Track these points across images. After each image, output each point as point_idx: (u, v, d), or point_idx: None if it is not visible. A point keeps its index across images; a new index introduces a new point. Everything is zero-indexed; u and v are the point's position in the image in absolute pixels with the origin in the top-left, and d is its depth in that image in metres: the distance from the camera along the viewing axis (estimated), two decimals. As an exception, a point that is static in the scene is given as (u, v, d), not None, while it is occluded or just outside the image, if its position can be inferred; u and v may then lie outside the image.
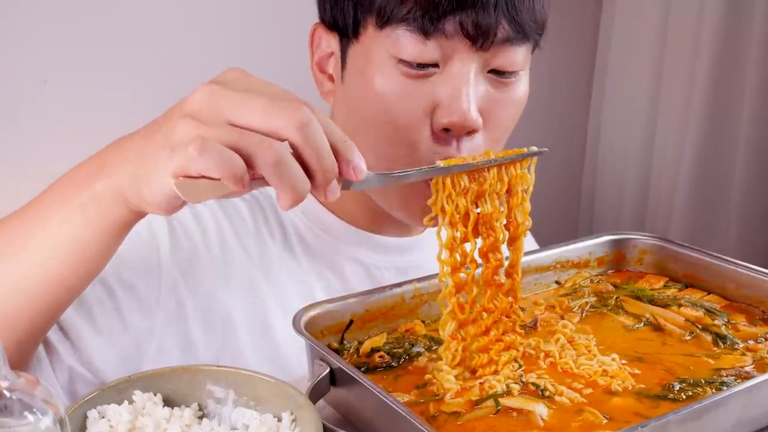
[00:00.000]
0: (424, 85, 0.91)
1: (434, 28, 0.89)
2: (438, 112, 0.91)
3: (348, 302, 0.89)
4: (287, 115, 0.66)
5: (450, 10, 0.88)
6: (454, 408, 0.77)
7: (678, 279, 1.06)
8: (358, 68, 0.95)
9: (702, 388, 0.81)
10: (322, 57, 1.02)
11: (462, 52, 0.90)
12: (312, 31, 1.02)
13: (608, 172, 2.71)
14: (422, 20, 0.88)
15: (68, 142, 1.91)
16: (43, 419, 0.54)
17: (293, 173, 0.66)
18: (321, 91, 1.04)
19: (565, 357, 0.86)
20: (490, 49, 0.91)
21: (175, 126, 0.67)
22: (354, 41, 0.96)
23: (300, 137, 0.66)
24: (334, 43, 0.99)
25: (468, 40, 0.90)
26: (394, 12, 0.90)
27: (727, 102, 2.33)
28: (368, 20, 0.93)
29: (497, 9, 0.89)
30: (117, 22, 1.91)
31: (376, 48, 0.93)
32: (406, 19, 0.89)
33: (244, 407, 0.74)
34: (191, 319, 0.98)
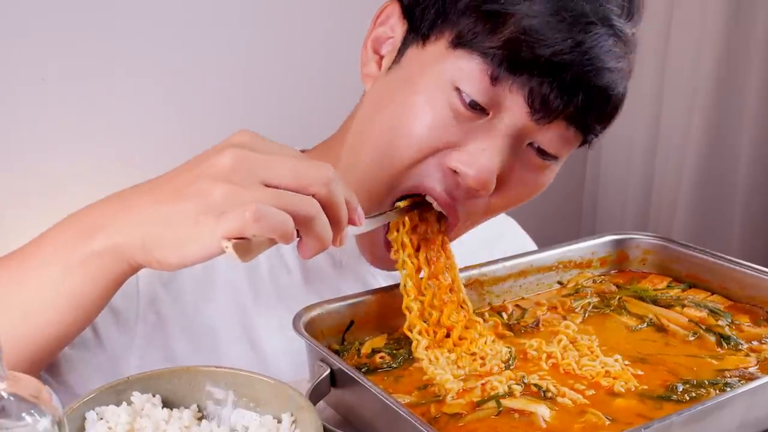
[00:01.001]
0: (464, 124, 0.87)
1: (505, 78, 0.84)
2: (460, 153, 0.87)
3: (348, 303, 0.89)
4: (316, 173, 0.72)
5: (530, 71, 0.84)
6: (456, 409, 0.77)
7: (681, 279, 1.06)
8: (410, 72, 0.91)
9: (705, 390, 0.81)
10: (380, 36, 0.96)
11: (515, 115, 0.86)
12: (383, 8, 0.96)
13: (611, 172, 2.71)
14: (501, 63, 0.84)
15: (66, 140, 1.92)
16: (41, 421, 0.54)
17: (325, 226, 0.72)
18: (364, 71, 0.98)
19: (568, 358, 0.86)
20: (545, 125, 0.87)
21: (210, 190, 0.70)
22: (419, 43, 0.91)
23: (327, 193, 0.72)
24: (399, 31, 0.94)
25: (527, 107, 0.85)
26: (476, 40, 0.85)
27: (731, 101, 2.33)
28: (445, 33, 0.88)
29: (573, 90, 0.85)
30: (115, 20, 1.91)
31: (438, 65, 0.88)
32: (485, 53, 0.85)
33: (243, 408, 0.74)
34: (173, 332, 0.97)
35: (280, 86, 2.13)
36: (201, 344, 0.98)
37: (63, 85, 1.88)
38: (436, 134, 0.88)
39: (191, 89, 2.05)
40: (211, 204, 0.70)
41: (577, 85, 0.84)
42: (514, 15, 0.84)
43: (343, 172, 0.96)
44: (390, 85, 0.93)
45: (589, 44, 0.84)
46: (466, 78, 0.86)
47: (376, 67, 0.96)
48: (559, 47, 0.83)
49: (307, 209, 0.70)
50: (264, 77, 2.12)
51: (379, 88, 0.95)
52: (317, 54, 2.14)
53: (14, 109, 1.84)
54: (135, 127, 1.97)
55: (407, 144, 0.88)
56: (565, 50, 0.83)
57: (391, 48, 0.95)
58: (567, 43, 0.83)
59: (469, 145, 0.87)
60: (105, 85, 1.93)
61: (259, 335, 1.00)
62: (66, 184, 1.84)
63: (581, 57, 0.84)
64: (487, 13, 0.85)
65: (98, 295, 0.77)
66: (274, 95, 2.13)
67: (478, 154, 0.86)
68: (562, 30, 0.83)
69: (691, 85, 2.40)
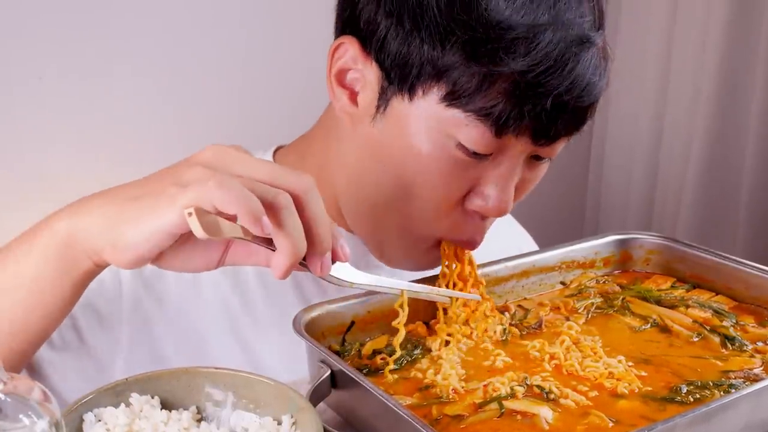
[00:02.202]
0: (472, 169, 0.88)
1: (511, 130, 0.85)
2: (477, 196, 0.90)
3: (349, 303, 0.89)
4: (294, 178, 0.70)
5: (534, 118, 0.84)
6: (457, 411, 0.77)
7: (685, 279, 1.06)
8: (401, 127, 0.89)
9: (710, 391, 0.81)
10: (342, 68, 0.93)
11: (520, 148, 0.88)
12: (337, 45, 0.92)
13: (614, 171, 2.71)
14: (503, 120, 0.84)
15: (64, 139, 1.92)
16: (38, 422, 0.54)
17: (297, 226, 0.69)
18: (337, 106, 0.95)
19: (571, 359, 0.86)
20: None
21: (183, 172, 0.70)
22: (405, 96, 0.88)
23: (305, 199, 0.70)
24: (370, 72, 0.90)
25: (531, 140, 0.87)
26: (472, 98, 0.84)
27: (736, 99, 2.33)
28: (433, 88, 0.86)
29: (572, 117, 0.87)
30: (113, 19, 1.91)
31: (432, 120, 0.86)
32: (484, 113, 0.84)
33: (243, 410, 0.74)
34: (159, 334, 0.97)
35: (279, 86, 2.13)
36: (189, 346, 0.98)
37: (61, 84, 1.88)
38: (452, 187, 0.89)
39: (190, 88, 2.05)
40: (180, 178, 0.69)
41: (575, 111, 0.86)
42: (504, 73, 0.83)
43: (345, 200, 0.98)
44: (383, 137, 0.91)
45: (582, 74, 0.85)
46: (467, 135, 0.85)
47: (350, 103, 0.93)
48: (557, 90, 0.84)
49: (275, 197, 0.68)
50: (263, 76, 2.12)
51: (369, 137, 0.92)
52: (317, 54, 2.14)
53: (11, 108, 1.84)
54: (133, 127, 1.97)
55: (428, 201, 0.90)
56: (563, 91, 0.84)
57: (362, 86, 0.92)
58: (564, 84, 0.84)
59: (483, 186, 0.89)
60: (103, 84, 1.93)
61: (248, 335, 1.00)
62: (64, 183, 1.84)
63: (578, 90, 0.85)
64: (477, 72, 0.83)
65: (58, 284, 0.76)
66: (273, 95, 2.13)
67: (493, 191, 0.89)
68: (555, 72, 0.83)
69: (694, 83, 2.40)
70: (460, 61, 0.83)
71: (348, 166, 0.96)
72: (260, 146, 1.10)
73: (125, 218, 0.70)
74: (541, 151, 0.90)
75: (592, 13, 0.87)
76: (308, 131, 1.06)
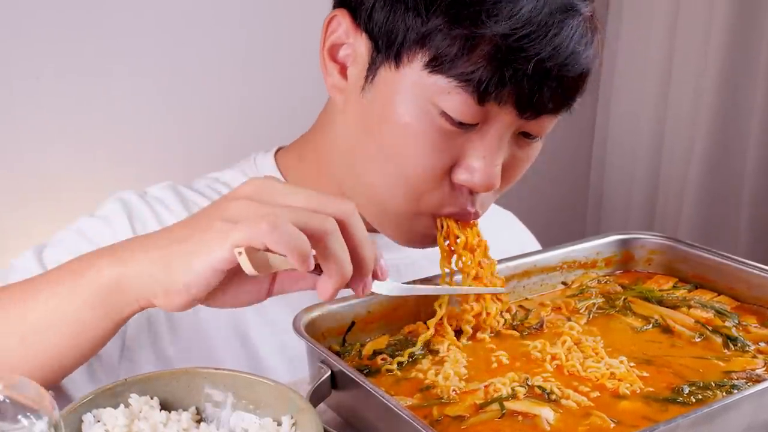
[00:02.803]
0: (457, 140, 0.89)
1: (492, 98, 0.85)
2: (462, 168, 0.90)
3: (350, 304, 0.89)
4: (336, 204, 0.72)
5: (515, 83, 0.85)
6: (458, 412, 0.77)
7: (687, 280, 1.06)
8: (388, 96, 0.90)
9: (712, 392, 0.81)
10: (335, 42, 0.95)
11: (505, 118, 0.88)
12: (330, 18, 0.95)
13: (616, 170, 2.71)
14: (485, 86, 0.84)
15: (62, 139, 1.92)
16: (37, 423, 0.54)
17: (342, 248, 0.71)
18: (328, 82, 0.97)
19: (572, 359, 0.86)
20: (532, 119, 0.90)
21: (228, 206, 0.71)
22: (391, 64, 0.89)
23: (349, 223, 0.72)
24: (360, 44, 0.92)
25: (517, 111, 0.87)
26: (454, 64, 0.85)
27: (738, 99, 2.33)
28: (418, 55, 0.87)
29: (558, 87, 0.87)
30: (111, 18, 1.91)
31: (416, 88, 0.88)
32: (466, 79, 0.85)
33: (243, 411, 0.74)
34: (162, 332, 0.97)
35: (279, 86, 2.13)
36: (191, 344, 0.98)
37: (58, 84, 1.88)
38: (437, 158, 0.90)
39: (189, 88, 2.05)
40: (225, 215, 0.70)
41: (560, 80, 0.87)
42: (485, 35, 0.84)
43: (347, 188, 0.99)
44: (370, 109, 0.92)
45: (565, 42, 0.85)
46: (450, 103, 0.86)
47: (340, 78, 0.95)
48: (540, 56, 0.84)
49: (322, 224, 0.70)
50: (263, 76, 2.12)
51: (357, 112, 0.94)
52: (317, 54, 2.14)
53: (9, 109, 1.84)
54: (131, 126, 1.97)
55: (414, 174, 0.91)
56: (545, 57, 0.84)
57: (352, 60, 0.94)
58: (546, 50, 0.84)
59: (469, 158, 0.90)
60: (101, 83, 1.93)
61: (251, 333, 1.00)
62: (62, 183, 1.84)
63: (561, 57, 0.85)
64: (459, 36, 0.84)
65: (100, 325, 0.76)
66: (273, 95, 2.13)
67: (479, 163, 0.89)
68: (537, 37, 0.84)
69: (696, 84, 2.40)
70: (442, 24, 0.85)
71: (341, 148, 0.97)
72: (259, 146, 1.11)
73: (176, 260, 0.71)
74: (528, 126, 0.90)
75: None
76: (306, 132, 1.07)
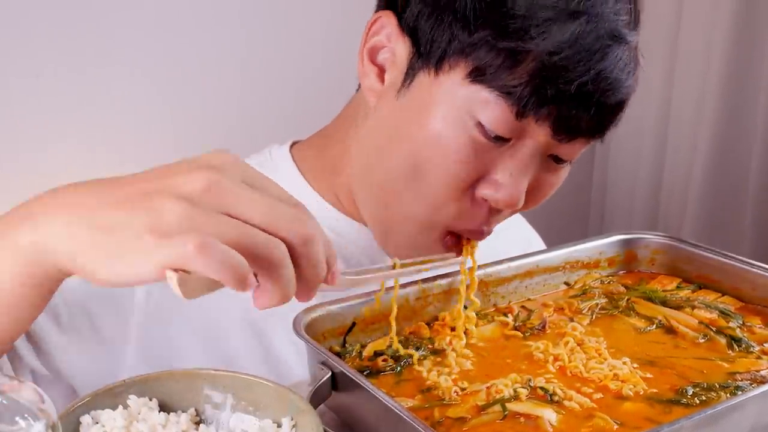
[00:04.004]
0: (488, 153, 0.88)
1: (531, 115, 0.85)
2: (488, 183, 0.89)
3: (350, 304, 0.89)
4: (295, 225, 0.63)
5: (556, 104, 0.85)
6: (460, 413, 0.77)
7: (691, 280, 1.06)
8: (424, 102, 0.90)
9: (716, 393, 0.81)
10: (376, 45, 0.94)
11: (539, 138, 0.88)
12: (375, 19, 0.94)
13: (619, 169, 2.71)
14: (526, 101, 0.84)
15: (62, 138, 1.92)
16: (34, 425, 0.54)
17: (289, 278, 0.63)
18: (365, 84, 0.96)
19: (575, 360, 0.86)
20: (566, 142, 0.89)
21: (163, 206, 0.61)
22: (430, 71, 0.89)
23: (304, 252, 0.63)
24: (401, 48, 0.92)
25: (552, 132, 0.87)
26: (497, 76, 0.85)
27: (742, 97, 2.32)
28: (460, 64, 0.87)
29: (596, 113, 0.87)
30: (112, 16, 1.91)
31: (454, 97, 0.87)
32: (508, 92, 0.85)
33: (242, 412, 0.74)
34: (172, 321, 0.97)
35: (279, 84, 2.13)
36: (204, 336, 0.98)
37: (58, 82, 1.88)
38: (464, 169, 0.89)
39: (189, 86, 2.05)
40: (158, 222, 0.61)
41: (599, 106, 0.87)
42: (531, 51, 0.84)
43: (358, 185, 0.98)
44: (404, 113, 0.92)
45: (609, 68, 0.85)
46: (488, 114, 0.86)
47: (377, 80, 0.95)
48: (582, 79, 0.84)
49: (271, 253, 0.61)
50: (263, 75, 2.12)
51: (390, 113, 0.94)
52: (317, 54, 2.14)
53: (9, 107, 1.84)
54: (132, 125, 1.97)
55: (437, 183, 0.90)
56: (588, 80, 0.84)
57: (391, 63, 0.93)
58: (590, 74, 0.84)
59: (496, 173, 0.89)
60: (101, 82, 1.93)
61: (265, 326, 1.00)
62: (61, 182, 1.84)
63: (604, 83, 0.85)
64: (505, 49, 0.84)
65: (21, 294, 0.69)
66: (273, 93, 2.13)
67: (505, 180, 0.89)
68: (582, 60, 0.84)
69: (700, 82, 2.40)
70: (489, 36, 0.85)
71: (364, 149, 0.97)
72: (259, 145, 1.10)
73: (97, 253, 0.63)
74: (560, 149, 0.90)
75: (627, 13, 0.89)
76: (327, 126, 1.06)
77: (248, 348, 1.00)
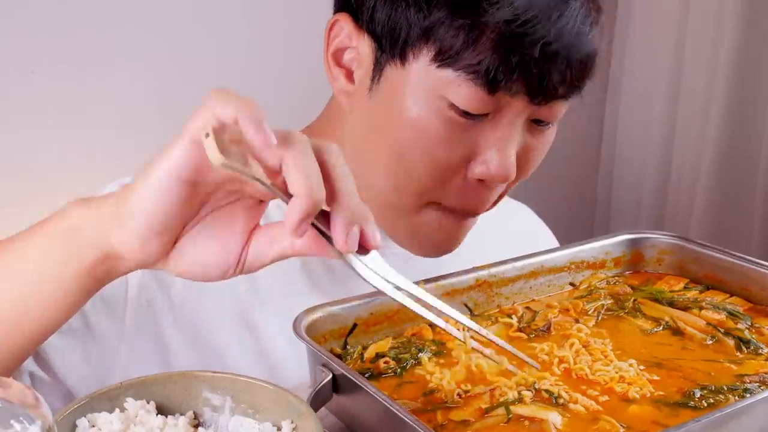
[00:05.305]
0: (468, 132, 0.90)
1: (502, 86, 0.87)
2: (477, 162, 0.92)
3: (351, 305, 0.89)
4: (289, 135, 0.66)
5: (524, 70, 0.86)
6: (463, 416, 0.77)
7: (699, 280, 1.06)
8: (396, 93, 0.92)
9: (724, 396, 0.80)
10: (339, 47, 0.97)
11: (516, 106, 0.90)
12: (332, 22, 0.96)
13: (626, 168, 2.71)
14: (493, 74, 0.86)
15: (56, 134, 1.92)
16: (30, 428, 0.54)
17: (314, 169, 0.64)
18: (335, 87, 0.99)
19: (580, 362, 0.86)
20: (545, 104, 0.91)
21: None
22: (397, 62, 0.91)
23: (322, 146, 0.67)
24: (364, 46, 0.94)
25: (528, 98, 0.89)
26: (461, 56, 0.86)
27: (751, 94, 2.32)
28: (423, 51, 0.89)
29: (566, 71, 0.88)
30: (109, 10, 1.91)
31: (424, 83, 0.89)
32: (475, 70, 0.86)
33: (241, 415, 0.74)
34: (165, 323, 0.98)
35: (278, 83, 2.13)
36: (195, 334, 0.99)
37: (54, 78, 1.88)
38: (448, 150, 0.91)
39: (187, 83, 2.05)
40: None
41: (568, 63, 0.88)
42: (489, 23, 0.85)
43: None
44: (379, 108, 0.94)
45: (570, 23, 0.87)
46: (459, 95, 0.88)
47: (347, 82, 0.97)
48: (545, 40, 0.86)
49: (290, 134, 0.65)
50: (262, 73, 2.12)
51: (366, 112, 0.96)
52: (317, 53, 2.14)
53: (2, 102, 1.84)
54: (129, 121, 1.97)
55: (425, 168, 0.92)
56: (551, 39, 0.86)
57: (357, 63, 0.95)
58: (551, 33, 0.86)
59: (482, 150, 0.91)
60: (98, 77, 1.93)
61: (257, 321, 1.01)
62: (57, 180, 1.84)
63: (567, 39, 0.87)
64: (462, 26, 0.86)
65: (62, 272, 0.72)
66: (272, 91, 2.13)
67: (493, 156, 0.90)
68: (540, 21, 0.85)
69: (708, 79, 2.39)
70: (445, 17, 0.86)
71: (349, 150, 0.97)
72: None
73: (133, 185, 0.68)
74: (540, 113, 0.92)
75: None
76: (311, 123, 1.07)
77: (241, 344, 1.00)
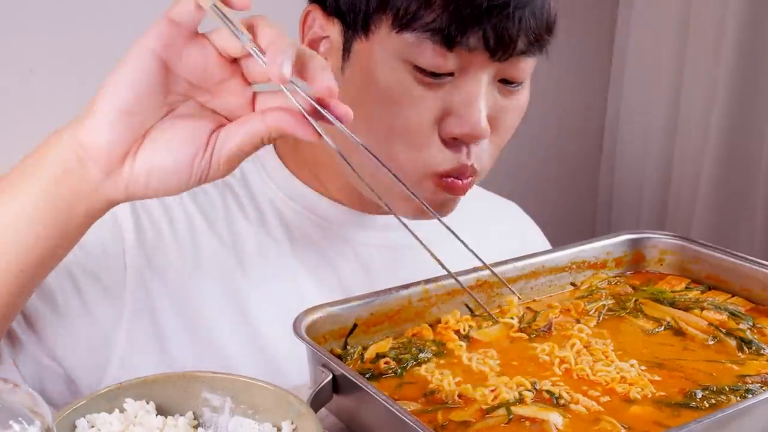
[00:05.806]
0: (437, 93, 0.93)
1: (459, 41, 0.89)
2: (449, 120, 0.94)
3: (351, 305, 0.89)
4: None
5: (477, 23, 0.88)
6: (464, 417, 0.77)
7: (700, 280, 1.06)
8: (364, 66, 0.95)
9: (726, 396, 0.81)
10: (313, 38, 1.01)
11: (479, 64, 0.92)
12: (305, 14, 1.01)
13: (627, 168, 2.71)
14: (448, 31, 0.89)
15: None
16: (29, 428, 0.54)
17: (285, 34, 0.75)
18: None
19: (581, 363, 0.86)
20: (507, 61, 0.93)
21: None
22: (361, 36, 0.95)
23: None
24: (334, 32, 0.98)
25: (488, 53, 0.91)
26: (416, 17, 0.89)
27: (752, 93, 2.32)
28: (383, 19, 0.92)
29: (520, 23, 0.90)
30: (108, 11, 1.91)
31: (388, 50, 0.92)
32: (430, 28, 0.89)
33: (241, 416, 0.74)
34: (161, 308, 0.99)
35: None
36: (189, 318, 1.00)
37: (52, 77, 1.88)
38: (420, 112, 0.93)
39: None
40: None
41: (521, 14, 0.90)
42: None
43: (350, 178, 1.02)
44: (352, 84, 0.96)
45: None
46: (421, 56, 0.91)
47: None
48: None
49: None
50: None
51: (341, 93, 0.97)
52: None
53: (1, 102, 1.84)
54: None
55: (403, 134, 0.94)
56: None
57: (329, 48, 0.99)
58: None
59: (452, 111, 0.93)
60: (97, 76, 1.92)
61: (252, 311, 1.02)
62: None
63: None
64: None
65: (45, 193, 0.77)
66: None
67: (461, 111, 0.93)
68: None
69: (710, 75, 2.39)
70: None
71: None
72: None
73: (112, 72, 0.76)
74: (507, 71, 0.94)
75: None
76: None
77: (235, 333, 1.01)
